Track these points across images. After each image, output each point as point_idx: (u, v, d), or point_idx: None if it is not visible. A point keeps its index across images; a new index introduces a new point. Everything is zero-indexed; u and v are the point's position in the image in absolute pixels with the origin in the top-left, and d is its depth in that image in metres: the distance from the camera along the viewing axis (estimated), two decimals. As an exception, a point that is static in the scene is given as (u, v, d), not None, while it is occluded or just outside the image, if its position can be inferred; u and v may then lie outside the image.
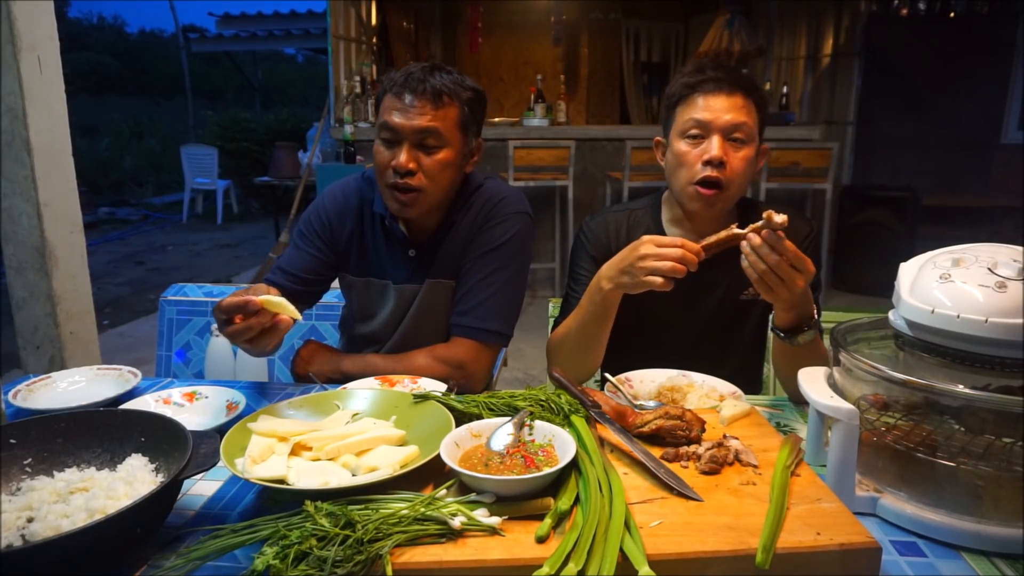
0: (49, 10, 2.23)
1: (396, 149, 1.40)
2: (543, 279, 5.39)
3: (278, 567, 0.72)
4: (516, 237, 1.50)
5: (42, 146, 2.20)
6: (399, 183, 1.39)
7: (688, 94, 1.38)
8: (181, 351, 1.92)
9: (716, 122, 1.34)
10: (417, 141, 1.39)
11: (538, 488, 0.86)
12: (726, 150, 1.34)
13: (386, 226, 1.53)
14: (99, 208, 9.90)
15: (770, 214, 1.13)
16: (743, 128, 1.34)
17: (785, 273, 1.13)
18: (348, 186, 1.58)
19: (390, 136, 1.40)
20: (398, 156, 1.38)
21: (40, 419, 0.95)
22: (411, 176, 1.39)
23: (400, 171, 1.38)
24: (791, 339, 1.25)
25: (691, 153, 1.37)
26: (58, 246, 2.27)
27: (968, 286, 0.86)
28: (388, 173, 1.40)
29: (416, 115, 1.38)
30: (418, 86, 1.38)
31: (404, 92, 1.39)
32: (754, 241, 1.13)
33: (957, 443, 0.87)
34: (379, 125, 1.42)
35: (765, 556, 0.74)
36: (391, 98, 1.40)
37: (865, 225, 5.39)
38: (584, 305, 1.34)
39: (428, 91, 1.38)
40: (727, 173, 1.34)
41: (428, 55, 7.41)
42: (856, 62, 5.68)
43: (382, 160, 1.41)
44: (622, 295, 1.29)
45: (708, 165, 1.34)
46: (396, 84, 1.40)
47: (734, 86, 1.35)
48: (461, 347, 1.46)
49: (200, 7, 21.19)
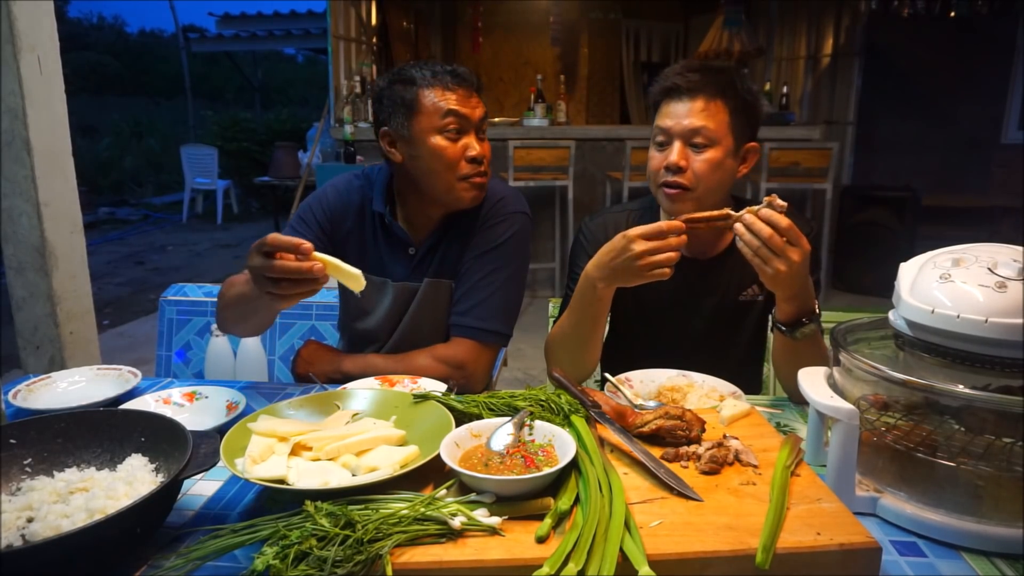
0: (49, 10, 2.23)
1: (465, 140, 1.41)
2: (543, 279, 5.40)
3: (278, 567, 0.72)
4: (515, 237, 1.50)
5: (42, 146, 2.20)
6: (479, 170, 1.42)
7: (659, 100, 1.41)
8: (181, 351, 1.92)
9: (674, 128, 1.36)
10: (479, 128, 1.44)
11: (538, 488, 0.86)
12: (686, 155, 1.36)
13: (386, 224, 1.53)
14: (99, 208, 9.91)
15: (773, 197, 1.15)
16: (703, 132, 1.35)
17: (778, 246, 1.13)
18: (351, 183, 1.57)
19: (458, 125, 1.40)
20: (474, 146, 1.41)
21: (40, 419, 0.95)
22: (483, 163, 1.44)
23: (479, 159, 1.41)
24: (792, 333, 1.25)
25: (656, 159, 1.40)
26: (58, 246, 2.27)
27: (968, 286, 0.86)
28: (463, 165, 1.41)
29: (475, 104, 1.42)
30: (467, 77, 1.42)
31: (458, 84, 1.41)
32: (747, 219, 1.15)
33: (957, 443, 0.87)
34: (440, 118, 1.39)
35: (765, 556, 0.74)
36: (442, 90, 1.40)
37: (865, 225, 5.39)
38: (577, 305, 1.34)
39: (475, 81, 1.44)
40: (688, 177, 1.36)
41: (428, 55, 7.42)
42: (856, 62, 5.68)
43: (454, 153, 1.40)
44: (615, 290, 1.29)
45: (668, 171, 1.37)
46: (443, 77, 1.40)
47: (695, 91, 1.35)
48: (461, 347, 1.46)
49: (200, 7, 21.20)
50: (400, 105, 1.41)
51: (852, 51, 5.74)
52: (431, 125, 1.39)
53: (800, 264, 1.15)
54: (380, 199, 1.51)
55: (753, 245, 1.15)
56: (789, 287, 1.19)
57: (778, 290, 1.22)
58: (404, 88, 1.41)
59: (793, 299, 1.22)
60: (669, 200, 1.39)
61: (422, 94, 1.39)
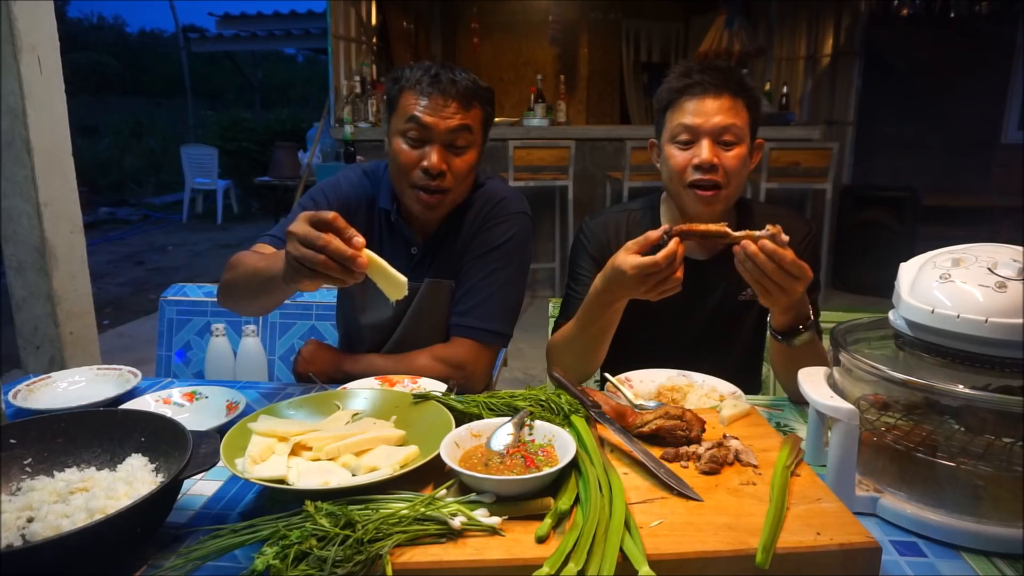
0: (49, 10, 2.23)
1: (426, 149, 1.35)
2: (543, 279, 5.39)
3: (278, 567, 0.71)
4: (516, 237, 1.50)
5: (42, 146, 2.20)
6: (430, 184, 1.36)
7: (676, 99, 1.39)
8: (181, 351, 1.92)
9: (704, 126, 1.34)
10: (448, 141, 1.35)
11: (538, 488, 0.86)
12: (716, 152, 1.34)
13: (391, 222, 1.52)
14: (99, 208, 9.90)
15: (778, 230, 1.11)
16: (732, 130, 1.35)
17: (783, 280, 1.12)
18: (361, 178, 1.55)
19: (419, 135, 1.34)
20: (430, 156, 1.34)
21: (40, 419, 0.95)
22: (442, 178, 1.36)
23: (432, 172, 1.34)
24: (788, 341, 1.25)
25: (682, 157, 1.37)
26: (58, 246, 2.27)
27: (968, 286, 0.86)
28: (415, 174, 1.36)
29: (450, 114, 1.33)
30: (448, 85, 1.33)
31: (433, 90, 1.33)
32: (749, 249, 1.12)
33: (957, 443, 0.87)
34: (404, 122, 1.35)
35: (765, 556, 0.74)
36: (416, 95, 1.34)
37: (865, 225, 5.39)
38: (586, 313, 1.33)
39: (459, 90, 1.34)
40: (720, 174, 1.35)
41: (428, 55, 7.41)
42: (856, 62, 5.68)
43: (408, 160, 1.36)
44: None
45: (699, 170, 1.35)
46: (421, 81, 1.34)
47: (720, 88, 1.35)
48: (461, 347, 1.46)
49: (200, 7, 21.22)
50: (387, 101, 1.42)
51: (852, 51, 5.74)
52: (397, 127, 1.38)
53: (801, 293, 1.15)
54: (386, 196, 1.50)
55: (755, 275, 1.13)
56: (786, 304, 1.19)
57: (774, 308, 1.22)
58: (393, 85, 1.41)
59: (789, 310, 1.22)
60: (703, 202, 1.37)
61: (401, 94, 1.37)
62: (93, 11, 42.26)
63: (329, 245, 0.93)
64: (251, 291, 1.25)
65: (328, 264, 0.93)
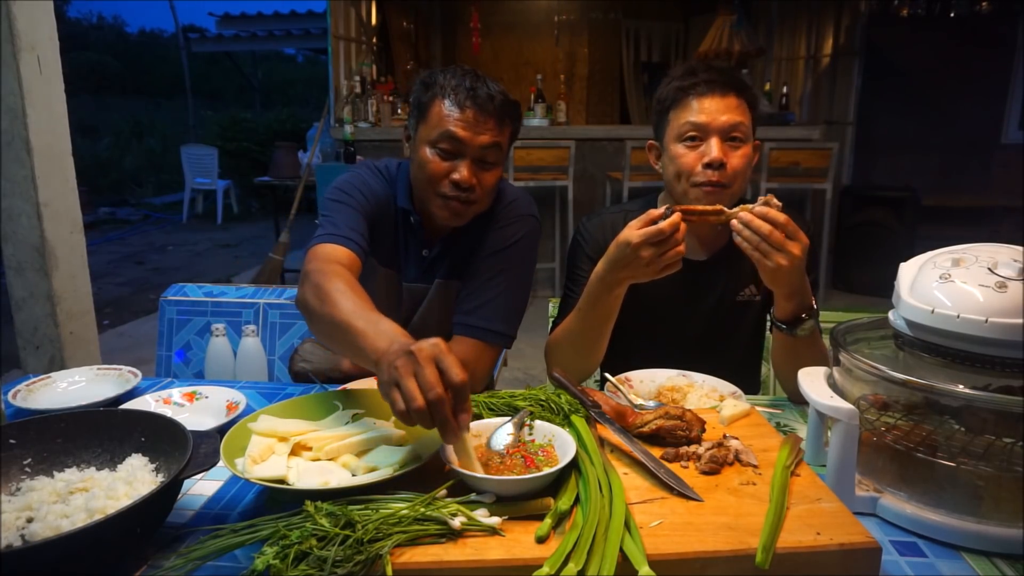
0: (49, 10, 2.23)
1: (456, 162, 1.34)
2: (543, 279, 5.40)
3: (278, 567, 0.71)
4: (524, 239, 1.50)
5: (42, 146, 2.20)
6: (460, 196, 1.36)
7: (681, 97, 1.39)
8: (181, 351, 1.92)
9: (713, 124, 1.35)
10: (480, 157, 1.35)
11: (538, 488, 0.86)
12: (725, 151, 1.35)
13: (410, 222, 1.50)
14: (99, 208, 9.91)
15: (770, 197, 1.16)
16: (740, 128, 1.35)
17: (778, 241, 1.14)
18: (379, 176, 1.52)
19: (451, 148, 1.34)
20: (460, 171, 1.34)
21: (40, 419, 0.95)
22: (471, 191, 1.36)
23: (463, 186, 1.34)
24: (792, 331, 1.25)
25: (690, 156, 1.37)
26: (58, 246, 2.27)
27: (968, 286, 0.86)
28: (444, 184, 1.36)
29: (484, 130, 1.33)
30: (486, 101, 1.33)
31: (470, 104, 1.32)
32: (744, 216, 1.16)
33: (957, 443, 0.87)
34: (436, 133, 1.34)
35: (765, 556, 0.74)
36: (451, 106, 1.33)
37: (865, 225, 5.39)
38: (587, 304, 1.33)
39: (495, 106, 1.34)
40: (727, 173, 1.35)
41: (428, 55, 7.41)
42: (856, 62, 5.69)
43: (437, 170, 1.35)
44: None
45: (708, 168, 1.35)
46: (458, 92, 1.33)
47: (727, 87, 1.36)
48: (464, 346, 1.45)
49: (200, 7, 21.20)
50: (416, 105, 1.40)
51: (852, 51, 5.75)
52: (427, 137, 1.36)
53: (800, 258, 1.16)
54: (404, 195, 1.48)
55: (753, 241, 1.16)
56: (788, 283, 1.20)
57: (778, 287, 1.22)
58: (424, 91, 1.38)
59: (792, 296, 1.23)
60: (708, 201, 1.36)
61: (434, 103, 1.35)
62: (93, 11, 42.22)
63: (440, 405, 0.83)
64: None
65: (423, 413, 0.83)
